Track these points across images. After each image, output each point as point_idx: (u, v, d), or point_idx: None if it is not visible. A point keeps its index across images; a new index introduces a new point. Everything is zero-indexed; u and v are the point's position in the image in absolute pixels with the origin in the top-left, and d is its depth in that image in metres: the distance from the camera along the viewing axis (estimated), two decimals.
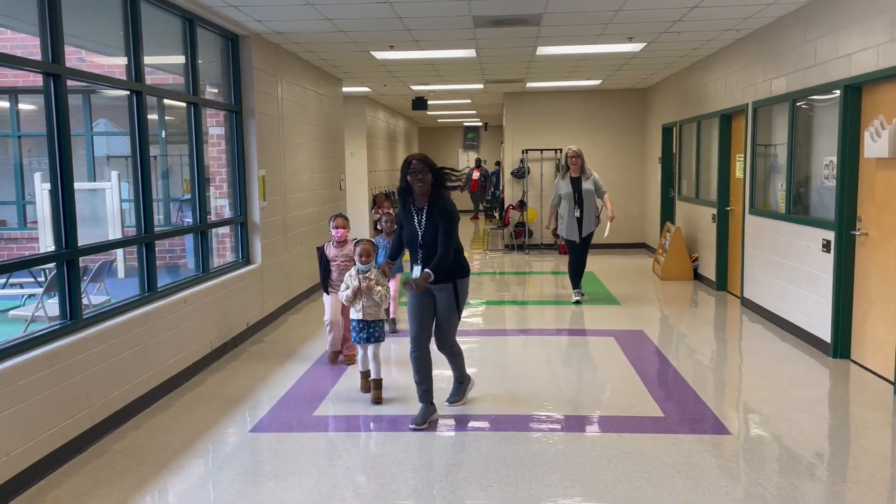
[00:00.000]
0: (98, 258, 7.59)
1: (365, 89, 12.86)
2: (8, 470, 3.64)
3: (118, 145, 11.63)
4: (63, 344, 4.11)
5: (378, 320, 5.05)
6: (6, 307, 7.80)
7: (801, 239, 6.49)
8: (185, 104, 6.24)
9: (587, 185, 8.29)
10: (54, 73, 4.19)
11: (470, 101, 15.90)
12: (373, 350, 5.05)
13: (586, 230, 8.33)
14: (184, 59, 6.18)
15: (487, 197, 20.42)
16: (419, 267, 4.50)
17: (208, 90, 7.08)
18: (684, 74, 10.48)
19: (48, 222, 8.58)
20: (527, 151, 13.58)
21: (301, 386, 5.49)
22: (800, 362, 5.87)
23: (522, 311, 8.33)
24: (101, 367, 4.46)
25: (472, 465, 3.97)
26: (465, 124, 24.11)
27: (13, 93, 10.29)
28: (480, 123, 23.33)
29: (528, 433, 4.43)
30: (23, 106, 10.60)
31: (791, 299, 6.75)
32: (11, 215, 10.67)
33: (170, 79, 7.56)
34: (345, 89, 11.81)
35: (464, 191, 21.13)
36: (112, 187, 9.13)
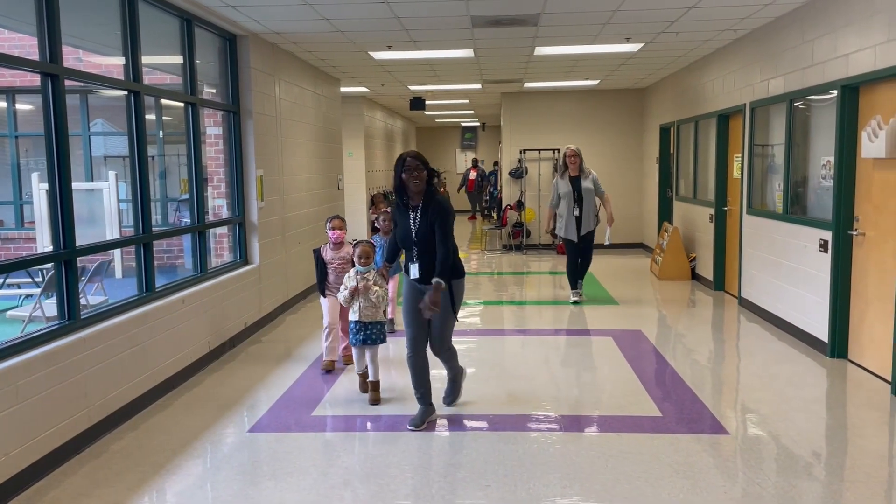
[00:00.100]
0: (96, 258, 7.58)
1: (363, 89, 12.86)
2: (7, 470, 3.64)
3: (116, 145, 11.60)
4: (61, 344, 4.11)
5: (376, 322, 5.03)
6: (4, 307, 7.78)
7: (799, 239, 6.51)
8: (183, 104, 6.24)
9: (587, 184, 8.29)
10: (52, 73, 4.19)
11: (468, 101, 15.89)
12: (370, 354, 5.04)
13: (585, 229, 8.33)
14: (181, 59, 6.17)
15: (486, 197, 20.44)
16: (416, 265, 4.50)
17: (206, 90, 7.08)
18: (682, 75, 10.49)
19: (46, 222, 8.58)
20: (524, 151, 13.58)
21: (299, 386, 5.49)
22: (797, 362, 5.89)
23: (520, 311, 8.33)
24: (99, 368, 4.46)
25: (471, 466, 3.97)
26: (463, 124, 24.09)
27: (11, 93, 10.27)
28: (478, 123, 23.32)
29: (527, 433, 4.44)
30: (20, 106, 10.58)
31: (788, 299, 6.76)
32: (9, 215, 10.65)
33: (167, 79, 7.55)
34: (342, 89, 11.81)
35: (459, 191, 21.16)
36: (110, 187, 9.13)
